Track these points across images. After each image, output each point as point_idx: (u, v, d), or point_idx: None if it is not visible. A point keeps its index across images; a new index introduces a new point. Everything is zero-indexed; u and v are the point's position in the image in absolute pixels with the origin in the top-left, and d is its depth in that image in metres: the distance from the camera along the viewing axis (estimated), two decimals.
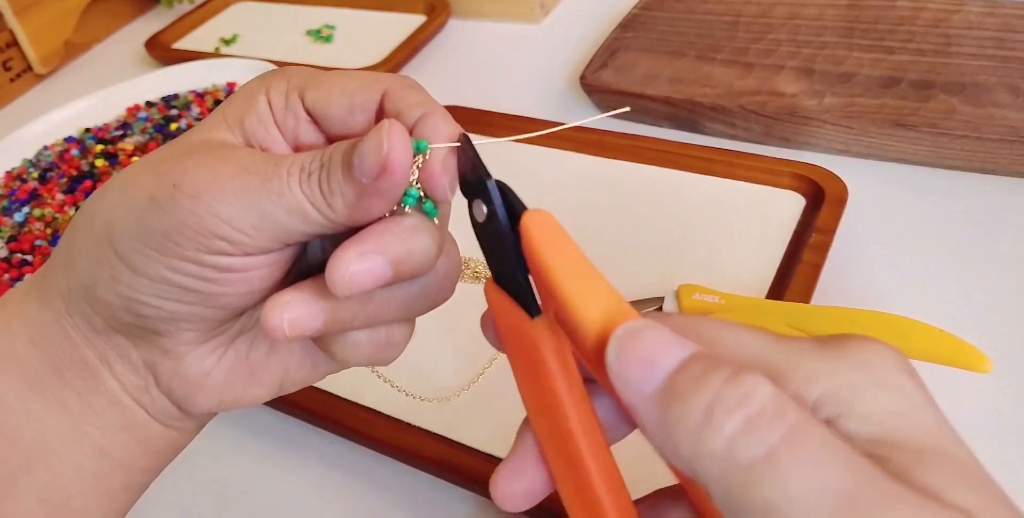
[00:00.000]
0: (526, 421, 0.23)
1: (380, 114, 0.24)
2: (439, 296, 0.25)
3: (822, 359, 0.18)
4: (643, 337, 0.18)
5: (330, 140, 0.25)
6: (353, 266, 0.21)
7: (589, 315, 0.19)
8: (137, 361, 0.25)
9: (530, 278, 0.22)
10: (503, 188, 0.22)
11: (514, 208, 0.22)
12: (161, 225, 0.22)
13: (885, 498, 0.15)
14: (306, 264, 0.27)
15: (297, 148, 0.25)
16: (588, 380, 0.22)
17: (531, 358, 0.22)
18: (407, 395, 0.41)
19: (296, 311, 0.22)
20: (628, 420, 0.23)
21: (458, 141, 0.23)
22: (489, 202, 0.22)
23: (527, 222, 0.20)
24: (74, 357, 0.25)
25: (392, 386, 0.41)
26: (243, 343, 0.26)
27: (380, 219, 0.23)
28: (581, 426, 0.21)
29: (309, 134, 0.25)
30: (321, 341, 0.25)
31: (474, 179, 0.22)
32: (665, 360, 0.17)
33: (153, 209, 0.22)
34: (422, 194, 0.23)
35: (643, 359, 0.18)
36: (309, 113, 0.25)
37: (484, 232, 0.22)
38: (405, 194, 0.23)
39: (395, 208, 0.23)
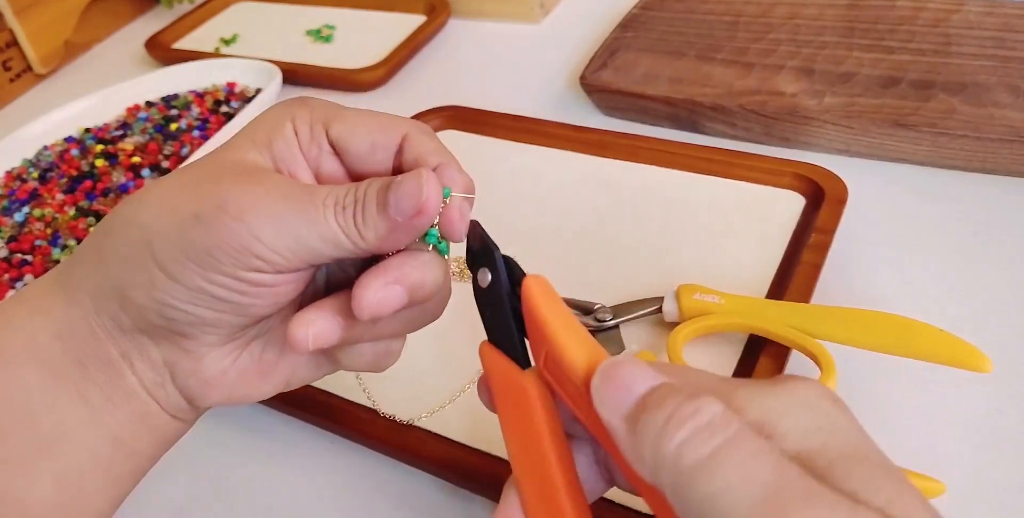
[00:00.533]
0: (512, 478, 0.26)
1: (399, 156, 0.28)
2: (434, 316, 0.29)
3: (759, 389, 0.21)
4: (623, 368, 0.22)
5: (350, 172, 0.28)
6: (379, 294, 0.25)
7: (577, 357, 0.23)
8: (157, 359, 0.27)
9: (524, 338, 0.26)
10: (507, 259, 0.26)
11: (514, 275, 0.26)
12: (204, 241, 0.24)
13: (805, 493, 0.17)
14: (317, 280, 0.30)
15: (318, 175, 0.28)
16: (570, 436, 0.26)
17: (520, 409, 0.25)
18: (380, 414, 0.41)
19: (319, 327, 0.26)
20: (604, 477, 0.26)
21: (472, 194, 0.27)
22: (495, 270, 0.26)
23: (529, 282, 0.25)
24: (98, 353, 0.26)
25: (369, 398, 0.42)
26: (257, 345, 0.29)
27: (398, 252, 0.27)
28: (562, 473, 0.24)
29: (330, 164, 0.28)
30: (329, 350, 0.28)
31: (481, 251, 0.27)
32: (638, 386, 0.21)
33: (197, 226, 0.24)
34: (439, 235, 0.27)
35: (621, 385, 0.21)
36: (332, 145, 0.28)
37: (486, 296, 0.27)
38: (427, 234, 0.27)
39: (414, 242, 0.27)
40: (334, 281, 0.31)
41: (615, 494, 0.36)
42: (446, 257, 0.28)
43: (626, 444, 0.21)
